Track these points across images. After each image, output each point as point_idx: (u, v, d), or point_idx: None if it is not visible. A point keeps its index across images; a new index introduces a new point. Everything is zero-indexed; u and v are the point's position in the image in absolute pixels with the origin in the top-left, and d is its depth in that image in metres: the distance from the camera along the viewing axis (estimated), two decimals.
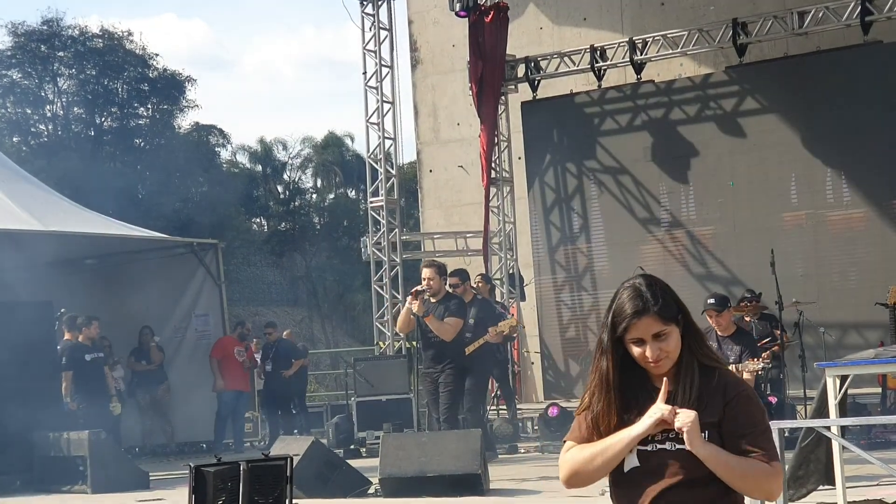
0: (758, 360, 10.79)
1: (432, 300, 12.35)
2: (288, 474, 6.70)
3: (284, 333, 22.23)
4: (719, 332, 11.21)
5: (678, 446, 3.55)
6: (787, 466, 8.80)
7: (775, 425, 7.15)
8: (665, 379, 3.61)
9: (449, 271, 13.28)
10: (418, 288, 12.42)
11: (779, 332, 14.56)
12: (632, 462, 3.60)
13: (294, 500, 7.20)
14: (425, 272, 12.56)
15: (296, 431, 18.15)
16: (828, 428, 7.99)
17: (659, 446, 3.58)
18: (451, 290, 13.61)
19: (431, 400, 12.74)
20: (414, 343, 13.46)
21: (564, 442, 3.77)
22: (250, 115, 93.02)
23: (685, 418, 3.51)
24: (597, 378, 3.70)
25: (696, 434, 3.51)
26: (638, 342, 3.62)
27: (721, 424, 3.57)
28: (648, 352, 3.60)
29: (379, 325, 19.60)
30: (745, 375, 10.71)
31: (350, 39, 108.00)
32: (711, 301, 11.30)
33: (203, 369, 18.87)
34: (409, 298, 12.37)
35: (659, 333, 3.60)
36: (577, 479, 3.67)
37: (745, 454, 3.53)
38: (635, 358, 3.64)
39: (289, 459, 6.78)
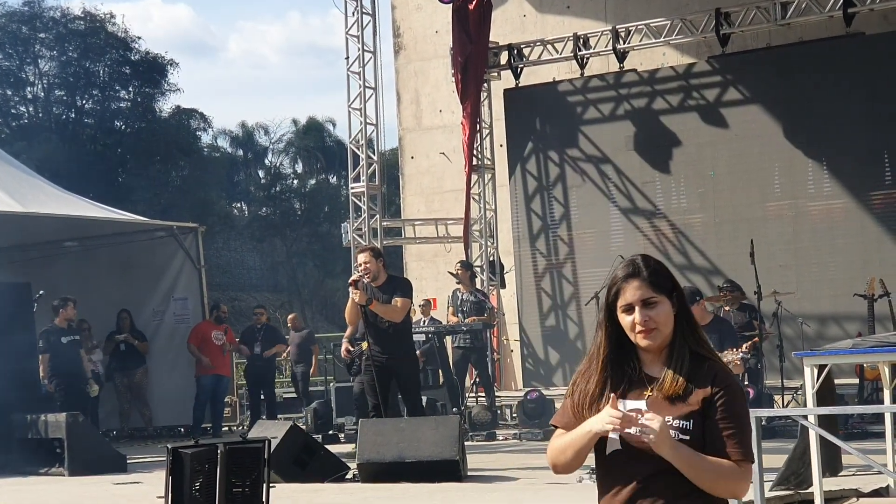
0: (737, 349, 10.82)
1: (373, 285, 11.93)
2: (266, 457, 6.69)
3: (289, 317, 22.22)
4: None
5: None
6: (774, 459, 8.85)
7: (753, 413, 7.17)
8: (613, 395, 3.54)
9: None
10: (354, 277, 11.89)
11: (757, 322, 14.62)
12: (614, 445, 3.57)
13: (272, 485, 7.20)
14: (360, 257, 12.01)
15: (297, 416, 18.08)
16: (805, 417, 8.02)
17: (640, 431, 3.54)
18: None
19: (370, 386, 12.03)
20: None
21: (553, 427, 3.77)
22: (235, 101, 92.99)
23: (651, 427, 3.45)
24: (592, 352, 3.69)
25: (664, 441, 3.46)
26: (627, 309, 3.61)
27: (706, 412, 3.53)
28: (637, 316, 3.57)
29: None
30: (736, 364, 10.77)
31: (335, 26, 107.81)
32: None
33: (181, 353, 18.83)
34: (350, 289, 11.81)
35: (648, 300, 3.58)
36: (558, 468, 3.68)
37: (721, 450, 3.50)
38: (625, 329, 3.61)
39: (266, 442, 6.77)
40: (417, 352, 15.86)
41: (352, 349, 13.42)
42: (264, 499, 6.69)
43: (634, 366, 3.63)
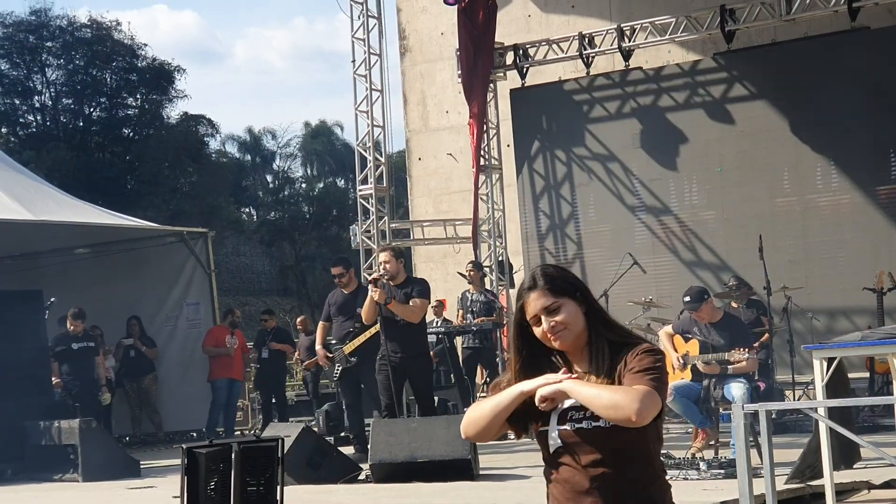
0: (745, 349, 10.87)
1: (391, 283, 12.05)
2: (280, 456, 6.74)
3: (298, 320, 22.27)
4: (705, 322, 11.27)
5: (594, 424, 3.64)
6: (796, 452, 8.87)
7: (762, 407, 7.21)
8: (565, 369, 3.70)
9: (396, 256, 12.40)
10: (375, 275, 12.06)
11: (767, 319, 14.64)
12: (555, 442, 3.70)
13: (285, 486, 7.24)
14: (382, 256, 12.20)
15: (308, 419, 18.07)
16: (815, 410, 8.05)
17: (577, 425, 3.67)
18: (336, 280, 13.50)
19: (384, 386, 12.14)
20: None
21: None
22: (242, 107, 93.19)
23: (558, 389, 3.62)
24: (509, 364, 3.85)
25: (569, 389, 3.60)
26: (536, 321, 3.76)
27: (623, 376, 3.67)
28: (544, 323, 3.72)
29: None
30: (743, 364, 10.82)
31: (340, 30, 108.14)
32: (687, 300, 11.37)
33: (194, 358, 18.89)
34: (370, 287, 11.94)
35: (550, 307, 3.72)
36: (470, 427, 3.80)
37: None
38: (542, 340, 3.76)
39: (280, 441, 6.82)
40: (431, 352, 15.94)
41: (330, 354, 13.37)
42: (278, 498, 6.74)
43: (570, 368, 3.75)
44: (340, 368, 13.22)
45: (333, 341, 13.33)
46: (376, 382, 12.31)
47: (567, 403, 3.68)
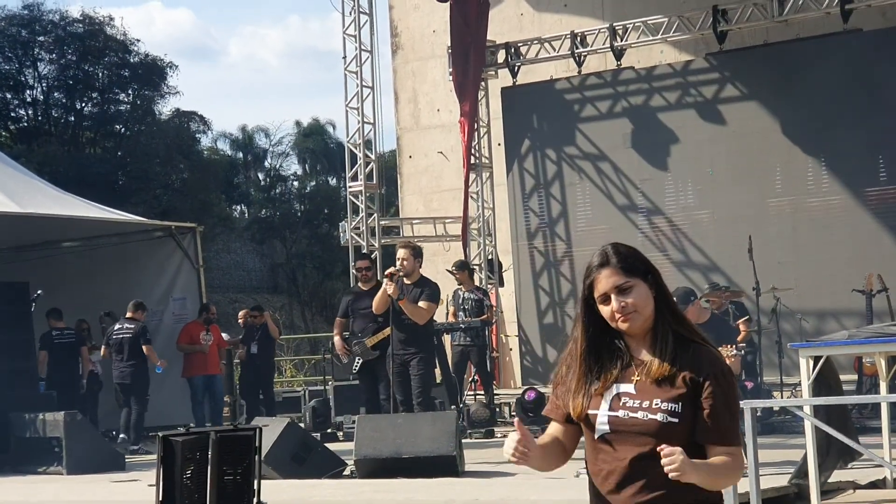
0: (730, 346, 10.86)
1: (406, 281, 12.22)
2: (257, 445, 6.67)
3: (240, 313, 22.11)
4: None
5: (650, 416, 3.54)
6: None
7: (747, 405, 7.18)
8: (517, 420, 3.68)
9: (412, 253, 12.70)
10: (392, 270, 12.24)
11: (741, 322, 14.61)
12: (603, 429, 3.59)
13: (268, 481, 7.20)
14: (400, 252, 12.42)
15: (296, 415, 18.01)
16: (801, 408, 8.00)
17: (631, 415, 3.56)
18: (361, 274, 13.55)
19: (397, 383, 12.37)
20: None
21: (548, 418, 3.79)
22: (235, 105, 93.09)
23: (672, 462, 3.40)
24: (571, 347, 3.70)
25: (685, 469, 3.40)
26: (605, 300, 3.62)
27: (695, 396, 3.54)
28: (614, 304, 3.59)
29: None
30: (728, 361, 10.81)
31: (334, 29, 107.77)
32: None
33: (178, 353, 18.78)
34: (384, 280, 12.23)
35: (622, 286, 3.59)
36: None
37: (713, 439, 3.52)
38: (607, 319, 3.63)
39: (258, 430, 6.76)
40: (434, 353, 15.97)
41: (349, 348, 13.38)
42: (256, 487, 6.68)
43: (624, 352, 3.64)
44: (361, 361, 13.28)
45: (359, 335, 13.32)
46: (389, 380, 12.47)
47: (618, 389, 3.60)
